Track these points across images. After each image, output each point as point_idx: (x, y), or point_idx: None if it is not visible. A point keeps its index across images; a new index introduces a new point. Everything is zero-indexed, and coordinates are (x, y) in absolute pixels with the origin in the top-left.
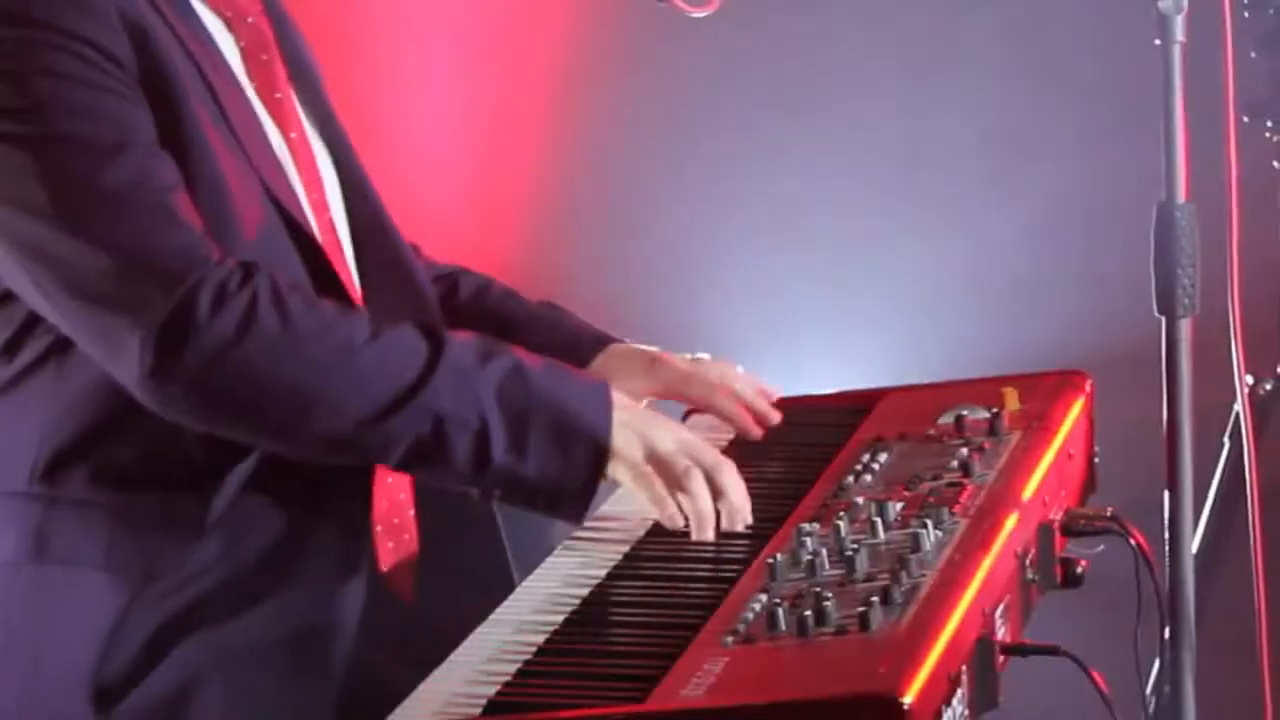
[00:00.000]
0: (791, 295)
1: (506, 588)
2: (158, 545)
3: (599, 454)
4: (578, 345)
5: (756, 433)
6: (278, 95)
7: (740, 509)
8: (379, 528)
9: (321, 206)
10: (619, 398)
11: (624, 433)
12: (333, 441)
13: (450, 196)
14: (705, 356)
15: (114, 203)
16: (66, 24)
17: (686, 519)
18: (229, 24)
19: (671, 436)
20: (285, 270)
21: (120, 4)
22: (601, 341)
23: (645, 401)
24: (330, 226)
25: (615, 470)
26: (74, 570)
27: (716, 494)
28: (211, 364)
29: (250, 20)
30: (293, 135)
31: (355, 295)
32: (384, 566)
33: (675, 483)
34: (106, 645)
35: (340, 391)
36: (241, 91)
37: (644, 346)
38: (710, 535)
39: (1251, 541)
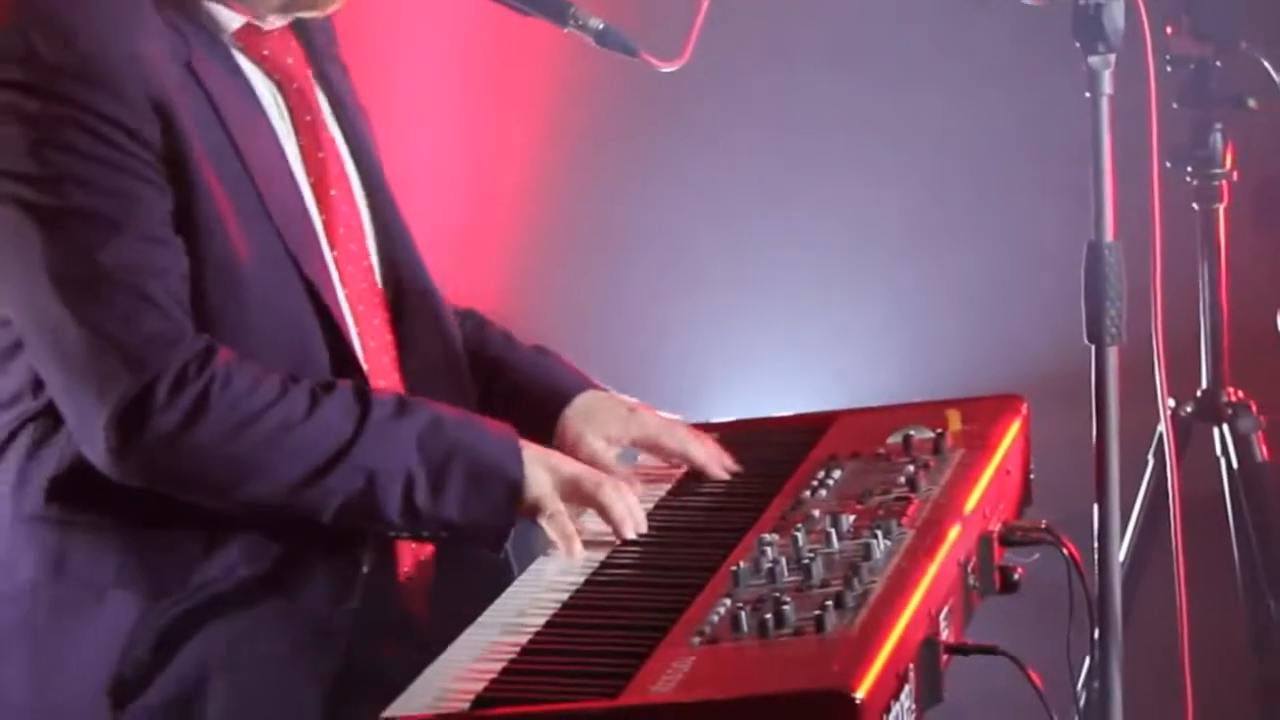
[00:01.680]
0: (757, 328)
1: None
2: (168, 562)
3: (514, 491)
4: (560, 388)
5: (723, 475)
6: (320, 155)
7: (639, 516)
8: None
9: (361, 256)
10: (524, 441)
11: (534, 468)
12: (273, 504)
13: (436, 230)
14: (676, 418)
15: (105, 283)
16: (94, 104)
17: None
18: (279, 86)
19: (573, 463)
20: (300, 335)
21: (150, 88)
22: (583, 386)
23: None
24: (367, 274)
25: (531, 503)
26: (90, 589)
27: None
28: (163, 447)
29: (296, 85)
30: (332, 193)
31: (360, 360)
32: (405, 567)
33: (588, 498)
34: (122, 652)
35: (279, 464)
36: (281, 155)
37: (622, 396)
38: (631, 534)
39: (1173, 551)
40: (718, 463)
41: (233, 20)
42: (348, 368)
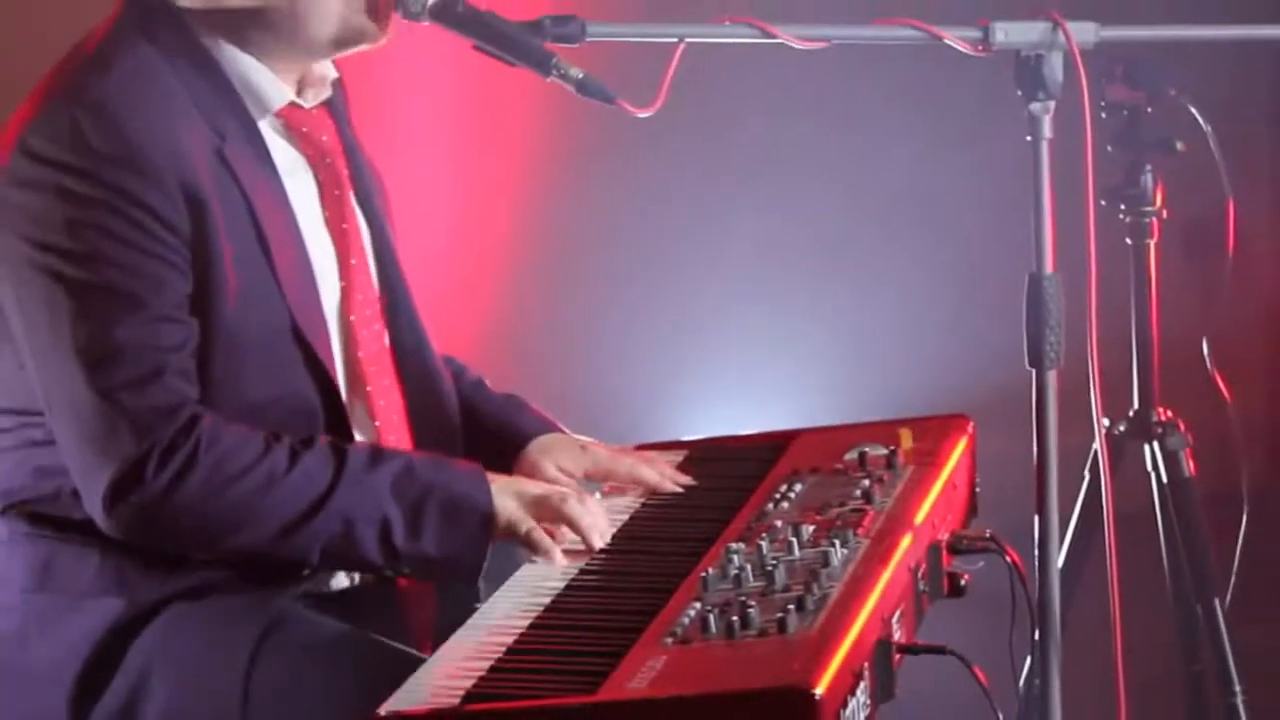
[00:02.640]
0: (727, 355)
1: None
2: (143, 573)
3: (486, 520)
4: (523, 429)
5: (676, 489)
6: (345, 226)
7: (604, 532)
8: None
9: (374, 320)
10: (490, 473)
11: (501, 497)
12: (258, 553)
13: (428, 261)
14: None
15: (120, 356)
16: (134, 191)
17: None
18: (310, 160)
19: (537, 484)
20: (299, 404)
21: (186, 177)
22: (544, 428)
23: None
24: (379, 337)
25: (505, 527)
26: (71, 599)
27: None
28: (153, 508)
29: (329, 161)
30: (353, 262)
31: (351, 430)
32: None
33: (556, 514)
34: (87, 659)
35: (261, 517)
36: (301, 240)
37: (576, 436)
38: (599, 542)
39: (1107, 558)
40: (668, 481)
41: (279, 98)
42: (341, 435)
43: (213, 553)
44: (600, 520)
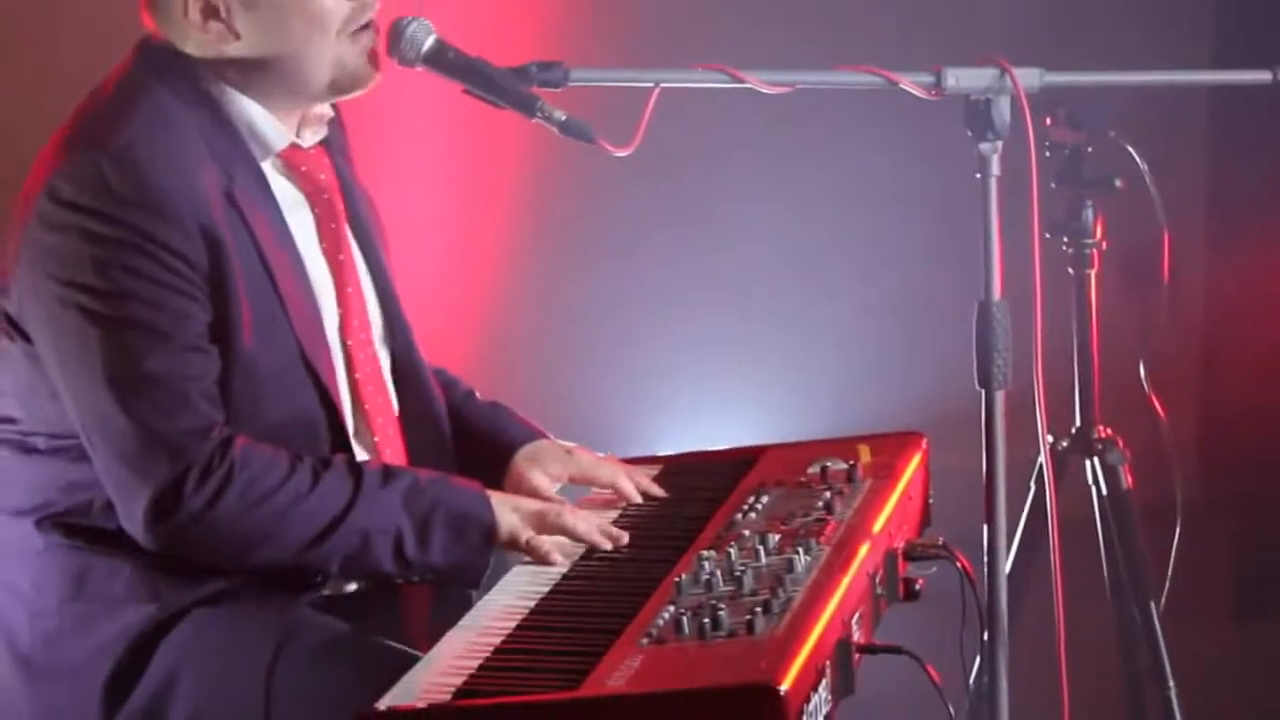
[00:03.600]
0: (701, 379)
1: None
2: (173, 580)
3: (488, 533)
4: (511, 436)
5: (638, 499)
6: (341, 257)
7: (605, 530)
8: None
9: (368, 343)
10: (490, 491)
11: (501, 510)
12: (284, 566)
13: (422, 286)
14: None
15: (151, 385)
16: (156, 232)
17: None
18: (308, 196)
19: (534, 500)
20: (307, 423)
21: (201, 216)
22: (531, 435)
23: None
24: (373, 359)
25: (505, 537)
26: (106, 606)
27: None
28: (191, 525)
29: (326, 196)
30: (349, 290)
31: (354, 444)
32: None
33: (552, 526)
34: (118, 661)
35: (288, 533)
36: (304, 273)
37: (561, 441)
38: (602, 541)
39: (1052, 564)
40: (641, 495)
41: (280, 140)
42: (345, 450)
43: (243, 565)
44: (595, 525)
